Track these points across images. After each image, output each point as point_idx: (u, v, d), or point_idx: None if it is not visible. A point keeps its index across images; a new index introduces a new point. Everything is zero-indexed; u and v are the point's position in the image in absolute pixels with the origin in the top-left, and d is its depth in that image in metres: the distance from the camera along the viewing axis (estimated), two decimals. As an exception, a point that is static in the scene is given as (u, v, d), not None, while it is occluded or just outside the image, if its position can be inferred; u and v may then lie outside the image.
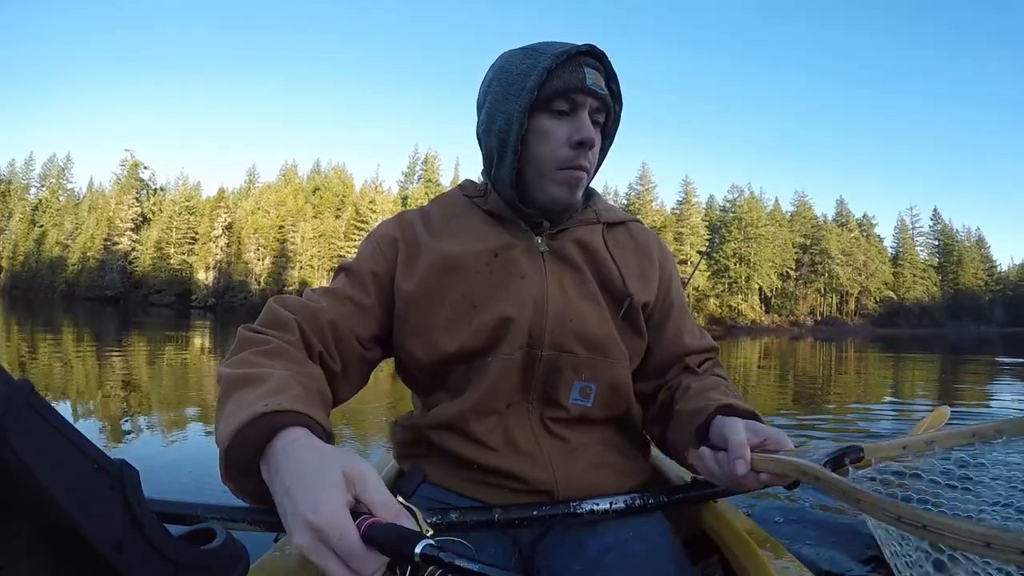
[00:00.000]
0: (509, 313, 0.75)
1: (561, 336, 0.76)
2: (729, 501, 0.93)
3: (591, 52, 0.75)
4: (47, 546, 0.30)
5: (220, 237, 57.85)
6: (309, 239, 55.57)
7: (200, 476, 2.49)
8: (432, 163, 63.61)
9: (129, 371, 6.08)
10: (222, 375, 0.60)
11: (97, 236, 60.14)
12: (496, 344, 0.75)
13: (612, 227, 0.87)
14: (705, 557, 0.91)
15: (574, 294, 0.79)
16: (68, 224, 64.58)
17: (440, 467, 0.78)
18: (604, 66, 0.77)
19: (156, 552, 0.33)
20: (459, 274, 0.77)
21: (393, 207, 57.76)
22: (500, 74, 0.78)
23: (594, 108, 0.76)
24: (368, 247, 0.82)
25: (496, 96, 0.77)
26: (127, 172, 63.19)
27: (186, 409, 4.16)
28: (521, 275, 0.77)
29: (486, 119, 0.79)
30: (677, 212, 60.60)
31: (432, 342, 0.76)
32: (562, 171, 0.76)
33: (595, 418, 0.80)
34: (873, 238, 66.12)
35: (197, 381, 5.76)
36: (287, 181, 62.48)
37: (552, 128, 0.75)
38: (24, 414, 0.28)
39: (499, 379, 0.75)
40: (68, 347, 8.32)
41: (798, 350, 16.95)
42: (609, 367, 0.78)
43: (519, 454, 0.75)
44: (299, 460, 0.47)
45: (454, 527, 0.69)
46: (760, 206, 61.49)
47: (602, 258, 0.82)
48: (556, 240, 0.82)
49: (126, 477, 0.33)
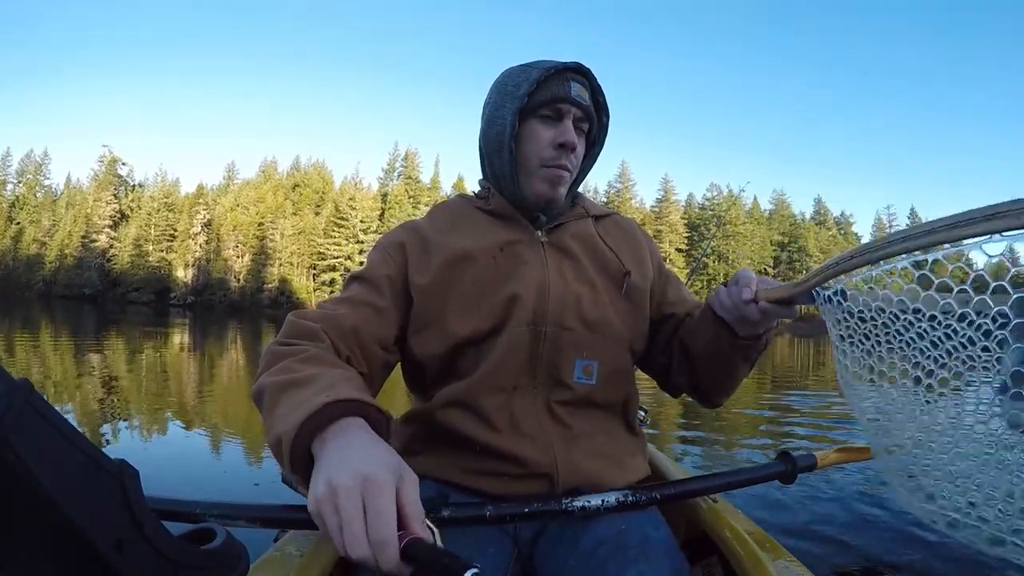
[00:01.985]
0: (516, 291, 0.82)
1: (562, 314, 0.83)
2: (729, 501, 0.94)
3: (578, 68, 0.85)
4: (47, 546, 0.30)
5: (199, 234, 57.41)
6: (289, 236, 55.31)
7: (195, 476, 2.54)
8: (412, 160, 63.35)
9: (109, 370, 6.03)
10: (264, 385, 0.63)
11: (75, 233, 59.51)
12: (504, 323, 0.81)
13: (600, 219, 0.96)
14: (705, 557, 0.91)
15: (572, 279, 0.86)
16: (45, 221, 63.79)
17: (441, 456, 0.81)
18: (589, 81, 0.87)
19: (156, 552, 0.34)
20: (470, 265, 0.83)
21: (373, 204, 57.71)
22: (498, 87, 0.87)
23: (578, 117, 0.86)
24: (377, 255, 0.87)
25: (494, 104, 0.87)
26: (105, 168, 62.41)
27: (170, 408, 4.14)
28: (525, 262, 0.85)
29: (485, 125, 0.89)
30: (656, 210, 60.94)
31: (444, 329, 0.81)
32: (545, 168, 0.85)
33: (598, 402, 0.84)
34: (851, 236, 66.87)
35: (177, 382, 5.76)
36: (267, 178, 62.08)
37: (539, 131, 0.85)
38: (24, 414, 0.28)
39: (507, 355, 0.80)
40: (47, 347, 8.24)
41: (778, 347, 17.06)
42: (608, 346, 0.85)
43: (522, 436, 0.79)
44: (362, 440, 0.51)
45: (445, 523, 0.70)
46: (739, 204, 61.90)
47: (597, 246, 0.91)
48: (554, 234, 0.89)
49: (126, 477, 0.33)
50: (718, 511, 0.88)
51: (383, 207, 58.10)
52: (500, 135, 0.85)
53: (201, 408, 4.24)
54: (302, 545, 0.75)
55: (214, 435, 3.37)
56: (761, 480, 0.91)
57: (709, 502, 0.91)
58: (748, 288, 0.73)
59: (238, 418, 3.90)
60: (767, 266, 61.11)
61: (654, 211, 60.65)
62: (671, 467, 1.07)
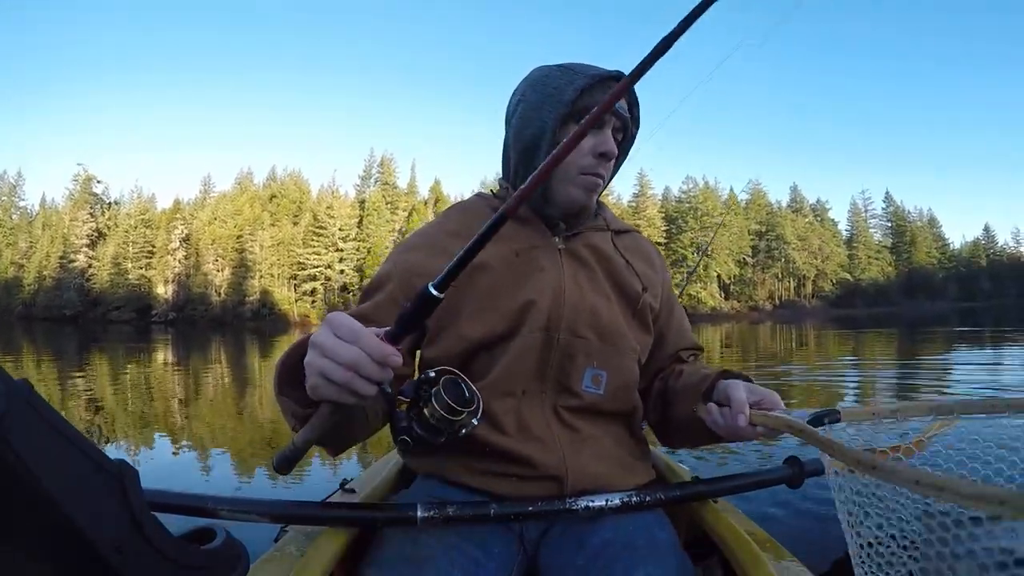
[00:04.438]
0: (531, 297, 0.82)
1: (576, 322, 0.83)
2: (729, 501, 0.94)
3: (620, 78, 0.82)
4: (47, 546, 0.30)
5: (178, 249, 56.99)
6: (268, 247, 55.09)
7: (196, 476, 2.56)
8: (388, 165, 63.27)
9: (93, 391, 5.97)
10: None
11: (52, 254, 58.89)
12: (518, 327, 0.82)
13: (620, 234, 0.96)
14: (705, 557, 0.91)
15: (587, 288, 0.86)
16: (22, 243, 63.09)
17: (449, 456, 0.81)
18: (630, 93, 0.86)
19: (156, 552, 0.34)
20: (484, 271, 0.83)
21: (351, 211, 57.66)
22: (535, 85, 0.86)
23: (616, 127, 0.86)
24: (389, 266, 0.88)
25: (530, 104, 0.84)
26: (80, 187, 61.73)
27: (158, 426, 4.11)
28: (541, 268, 0.85)
29: (518, 125, 0.87)
30: (633, 205, 61.23)
31: (459, 332, 0.82)
32: (583, 176, 0.85)
33: (605, 411, 0.85)
34: (827, 222, 67.65)
35: (162, 399, 5.68)
36: (243, 189, 61.58)
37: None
38: (24, 414, 0.28)
39: (518, 359, 0.80)
40: (30, 370, 8.11)
41: (759, 333, 17.25)
42: (619, 357, 0.85)
43: (531, 439, 0.79)
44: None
45: (451, 521, 0.71)
46: (715, 196, 62.35)
47: (614, 260, 0.91)
48: (571, 242, 0.89)
49: (126, 477, 0.33)
50: (718, 511, 0.88)
51: (361, 214, 58.01)
52: (537, 137, 0.83)
53: (199, 419, 4.22)
54: (302, 545, 0.74)
55: (211, 443, 3.37)
56: (768, 484, 0.93)
57: (710, 502, 0.91)
58: (743, 415, 0.73)
59: (233, 429, 3.91)
60: (746, 255, 61.62)
61: (631, 206, 60.89)
62: (675, 469, 1.06)
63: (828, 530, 1.90)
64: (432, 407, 0.58)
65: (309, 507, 0.77)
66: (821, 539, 1.84)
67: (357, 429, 0.75)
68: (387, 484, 1.00)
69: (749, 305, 60.12)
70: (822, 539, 1.84)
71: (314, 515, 0.76)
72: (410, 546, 0.72)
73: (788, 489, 0.95)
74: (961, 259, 71.57)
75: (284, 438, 3.28)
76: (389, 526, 0.75)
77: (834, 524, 0.68)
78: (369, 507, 0.82)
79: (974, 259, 71.28)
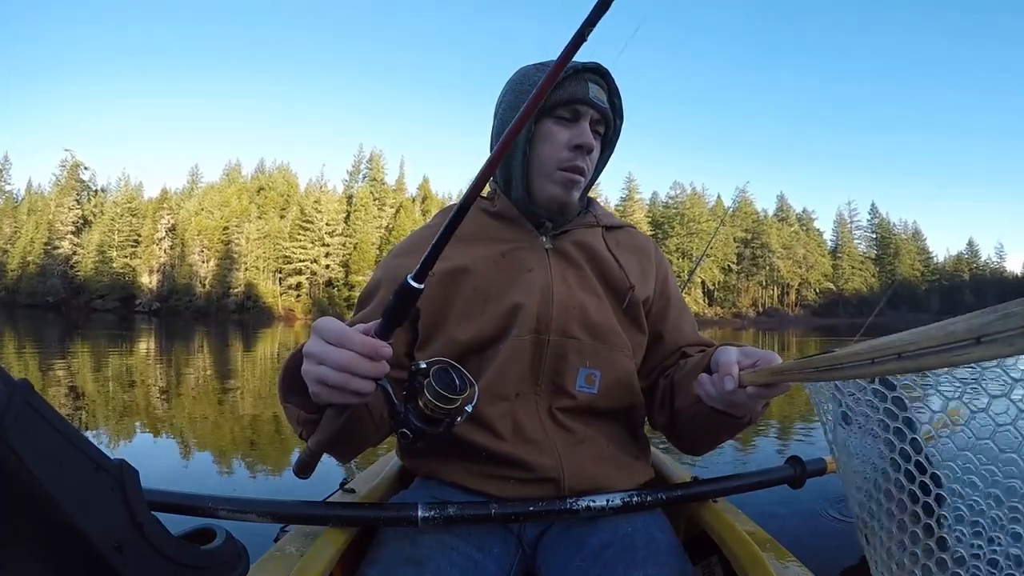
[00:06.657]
0: (519, 300, 0.81)
1: (566, 322, 0.82)
2: (729, 501, 0.93)
3: (596, 69, 0.83)
4: (47, 546, 0.30)
5: (163, 239, 56.63)
6: (254, 240, 54.79)
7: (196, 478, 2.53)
8: (377, 161, 63.10)
9: (75, 380, 5.93)
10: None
11: (37, 240, 58.28)
12: (507, 330, 0.81)
13: (611, 230, 0.95)
14: (705, 557, 0.90)
15: (576, 286, 0.85)
16: (7, 228, 62.30)
17: (447, 461, 0.81)
18: (608, 83, 0.85)
19: (156, 552, 0.34)
20: (469, 274, 0.83)
21: (338, 206, 57.55)
22: (514, 86, 0.86)
23: (595, 119, 0.84)
24: (381, 272, 0.89)
25: (508, 104, 0.85)
26: (67, 173, 61.00)
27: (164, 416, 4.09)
28: (528, 268, 0.84)
29: (498, 125, 0.87)
30: (620, 208, 61.52)
31: (448, 336, 0.81)
32: (561, 171, 0.83)
33: (601, 410, 0.84)
34: (813, 232, 68.22)
35: (143, 390, 5.66)
36: (231, 181, 61.27)
37: (555, 132, 0.82)
38: (24, 414, 0.28)
39: (509, 362, 0.80)
40: (11, 358, 8.01)
41: (741, 340, 17.13)
42: (612, 355, 0.84)
43: (526, 442, 0.79)
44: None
45: (451, 521, 0.71)
46: (702, 202, 62.75)
47: (603, 257, 0.90)
48: (558, 240, 0.88)
49: (126, 477, 0.33)
50: (718, 511, 0.87)
51: (348, 209, 57.82)
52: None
53: (199, 419, 4.23)
54: (302, 545, 0.74)
55: (213, 442, 3.39)
56: (769, 484, 0.91)
57: (710, 502, 0.90)
58: (730, 377, 0.68)
59: (233, 430, 3.90)
60: (731, 262, 62.05)
61: (618, 209, 61.14)
62: (675, 469, 1.06)
63: (829, 530, 1.88)
64: (425, 397, 0.59)
65: (309, 507, 0.77)
66: (822, 539, 1.82)
67: (367, 433, 0.76)
68: (387, 484, 1.01)
69: (732, 312, 60.62)
70: (823, 539, 1.82)
71: (314, 515, 0.76)
72: (409, 546, 0.72)
73: (789, 489, 0.95)
74: (944, 272, 72.44)
75: (284, 437, 3.36)
76: (389, 526, 0.75)
77: (835, 524, 0.57)
78: (369, 507, 0.82)
79: (957, 272, 72.14)
